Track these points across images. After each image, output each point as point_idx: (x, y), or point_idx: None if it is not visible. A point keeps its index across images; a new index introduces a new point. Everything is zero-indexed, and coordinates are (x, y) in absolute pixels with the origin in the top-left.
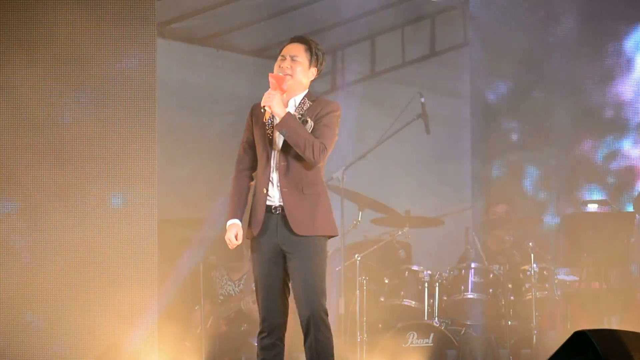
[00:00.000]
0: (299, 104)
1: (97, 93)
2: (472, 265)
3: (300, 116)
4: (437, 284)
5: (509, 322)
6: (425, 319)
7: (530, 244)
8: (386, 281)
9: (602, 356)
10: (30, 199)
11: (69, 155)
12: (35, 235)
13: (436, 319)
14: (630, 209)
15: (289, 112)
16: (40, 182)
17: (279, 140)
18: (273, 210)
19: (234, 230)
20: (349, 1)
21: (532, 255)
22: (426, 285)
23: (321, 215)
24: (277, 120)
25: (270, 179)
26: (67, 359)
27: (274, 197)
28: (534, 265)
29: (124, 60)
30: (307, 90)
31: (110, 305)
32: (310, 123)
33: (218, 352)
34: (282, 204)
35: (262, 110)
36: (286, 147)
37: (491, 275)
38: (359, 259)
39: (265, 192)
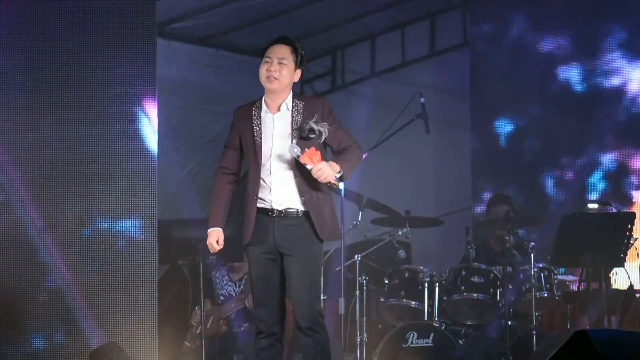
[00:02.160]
0: (293, 107)
1: (97, 93)
2: (473, 265)
3: (311, 131)
4: (437, 284)
5: (509, 322)
6: (425, 319)
7: (531, 244)
8: (386, 281)
9: (602, 356)
10: (29, 199)
11: (69, 155)
12: (34, 235)
13: (436, 319)
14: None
15: (340, 168)
16: (40, 181)
17: (273, 147)
18: (269, 214)
19: (215, 236)
20: (349, 1)
21: (532, 255)
22: (426, 285)
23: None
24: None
25: (265, 184)
26: (67, 358)
27: (269, 201)
28: (534, 265)
29: (124, 60)
30: (292, 92)
31: (110, 305)
32: (325, 131)
33: (218, 352)
34: (278, 207)
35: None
36: (280, 154)
37: (491, 276)
38: (359, 259)
39: (257, 198)
